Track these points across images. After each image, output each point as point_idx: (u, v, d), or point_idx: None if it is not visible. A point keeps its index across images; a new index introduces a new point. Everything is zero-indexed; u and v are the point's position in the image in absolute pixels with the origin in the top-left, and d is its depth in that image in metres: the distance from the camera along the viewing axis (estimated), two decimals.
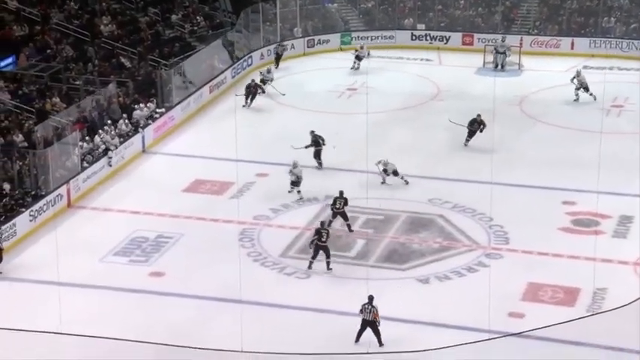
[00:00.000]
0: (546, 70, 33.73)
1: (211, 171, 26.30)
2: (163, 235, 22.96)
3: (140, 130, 27.99)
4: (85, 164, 25.59)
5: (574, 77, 30.77)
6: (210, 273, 21.05)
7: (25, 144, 25.23)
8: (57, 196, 24.30)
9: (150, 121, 28.52)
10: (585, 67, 33.07)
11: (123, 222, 23.71)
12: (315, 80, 33.57)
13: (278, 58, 34.66)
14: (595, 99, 29.95)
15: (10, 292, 20.77)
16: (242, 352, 18.17)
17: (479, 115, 26.83)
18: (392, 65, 34.42)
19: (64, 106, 27.66)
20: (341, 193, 22.78)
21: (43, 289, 20.58)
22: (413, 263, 21.81)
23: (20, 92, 27.91)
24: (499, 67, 34.26)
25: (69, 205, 24.71)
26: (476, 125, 26.98)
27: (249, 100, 30.40)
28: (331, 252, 21.26)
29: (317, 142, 26.25)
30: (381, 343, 18.23)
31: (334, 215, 22.82)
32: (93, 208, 24.65)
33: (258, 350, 18.19)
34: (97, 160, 25.91)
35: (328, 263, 21.10)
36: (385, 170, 24.79)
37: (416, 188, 25.21)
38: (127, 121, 27.85)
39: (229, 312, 19.41)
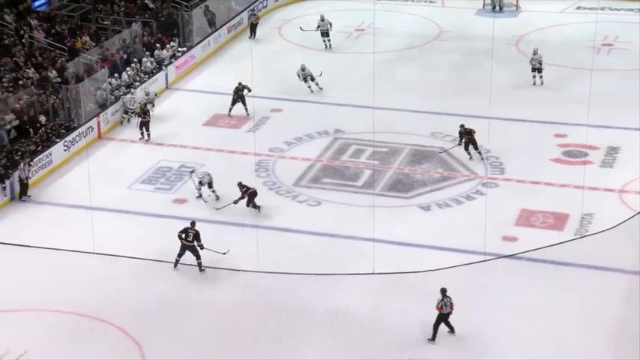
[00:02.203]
0: (542, 12, 32.97)
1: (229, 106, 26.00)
2: (186, 165, 22.81)
3: (164, 67, 27.64)
4: (113, 98, 25.32)
5: (531, 59, 26.73)
6: (228, 200, 20.92)
7: (59, 79, 25.00)
8: (88, 128, 24.13)
9: (172, 60, 28.13)
10: (579, 7, 32.39)
11: (148, 153, 23.58)
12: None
13: (253, 28, 30.88)
14: (542, 83, 26.53)
15: (46, 215, 20.79)
16: (258, 272, 18.18)
17: (462, 126, 22.74)
18: (398, 7, 33.70)
19: (93, 44, 27.34)
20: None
21: (76, 213, 20.60)
22: (416, 192, 21.64)
23: (53, 31, 27.56)
24: (497, 8, 33.54)
25: (99, 136, 24.56)
26: (464, 136, 22.65)
27: (231, 106, 25.32)
28: (339, 181, 21.07)
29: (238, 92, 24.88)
30: (453, 331, 16.53)
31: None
32: (121, 140, 24.48)
33: (272, 270, 18.20)
34: (124, 95, 25.63)
35: (199, 264, 18.26)
36: (200, 182, 21.10)
37: (419, 122, 24.90)
38: (151, 59, 27.48)
39: (246, 235, 19.36)
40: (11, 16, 27.22)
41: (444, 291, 16.37)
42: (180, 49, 28.82)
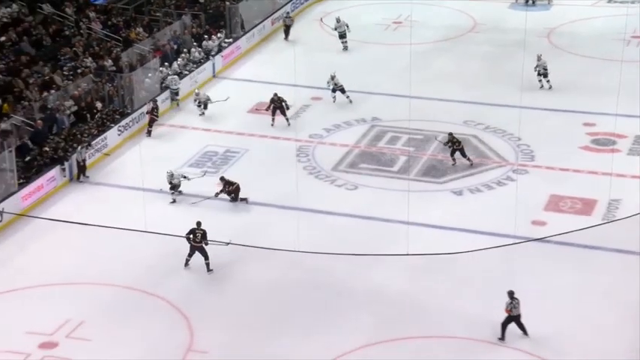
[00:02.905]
0: (574, 5, 32.46)
1: (272, 94, 26.06)
2: (231, 150, 22.99)
3: (211, 57, 27.82)
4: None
5: (536, 66, 25.69)
6: (270, 183, 21.09)
7: (114, 68, 25.31)
8: (140, 114, 24.41)
9: (219, 50, 28.29)
10: (610, 0, 31.77)
11: (196, 138, 23.79)
12: (363, 14, 32.79)
13: (287, 30, 30.15)
14: (550, 87, 25.65)
15: (102, 195, 21.12)
16: (297, 251, 18.30)
17: (450, 134, 22.04)
18: (434, 0, 33.43)
19: (146, 35, 27.61)
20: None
21: (129, 194, 20.88)
22: (448, 177, 21.56)
23: (109, 23, 27.91)
24: (530, 1, 33.08)
25: None
26: (450, 144, 21.98)
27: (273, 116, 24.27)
28: (375, 166, 21.06)
29: (279, 102, 23.99)
30: (527, 333, 15.82)
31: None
32: (170, 125, 24.75)
33: (311, 250, 18.31)
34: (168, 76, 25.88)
35: (207, 265, 17.90)
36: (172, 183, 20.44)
37: (453, 111, 24.76)
38: (199, 49, 27.69)
39: (286, 217, 19.48)
40: (72, 8, 27.62)
41: (511, 293, 15.60)
42: (226, 40, 28.97)
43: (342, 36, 29.21)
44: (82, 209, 20.33)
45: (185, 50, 27.23)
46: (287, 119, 24.06)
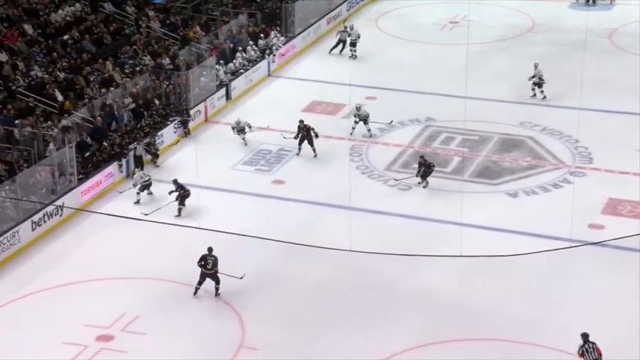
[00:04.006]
0: (636, 4, 31.64)
1: (327, 93, 26.15)
2: (284, 149, 23.09)
3: (266, 56, 27.99)
4: (224, 82, 25.70)
5: (532, 75, 25.04)
6: (323, 182, 21.13)
7: (171, 66, 25.65)
8: (196, 111, 24.71)
9: (275, 49, 28.44)
10: None
11: (250, 136, 23.87)
12: (419, 14, 32.61)
13: (341, 45, 28.41)
14: (544, 98, 24.75)
15: (157, 191, 21.30)
16: (348, 250, 18.28)
17: (422, 157, 21.03)
18: (491, 0, 33.04)
19: (203, 34, 27.93)
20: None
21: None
22: (503, 179, 21.29)
23: (168, 21, 28.32)
24: (591, 1, 32.39)
25: (206, 119, 25.12)
26: (423, 167, 20.94)
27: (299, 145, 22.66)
28: (428, 169, 20.84)
29: (306, 131, 22.37)
30: None
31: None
32: (225, 123, 24.96)
33: (362, 250, 18.27)
34: (231, 80, 26.15)
35: (217, 289, 17.26)
36: (142, 186, 20.36)
37: (509, 112, 24.43)
38: (255, 48, 27.88)
39: (338, 216, 19.49)
40: (132, 7, 28.13)
41: (585, 336, 14.42)
42: (282, 38, 29.10)
43: (353, 44, 28.25)
44: (138, 206, 20.61)
45: (241, 49, 27.46)
46: (314, 150, 22.29)
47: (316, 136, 22.45)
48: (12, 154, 20.66)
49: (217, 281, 17.25)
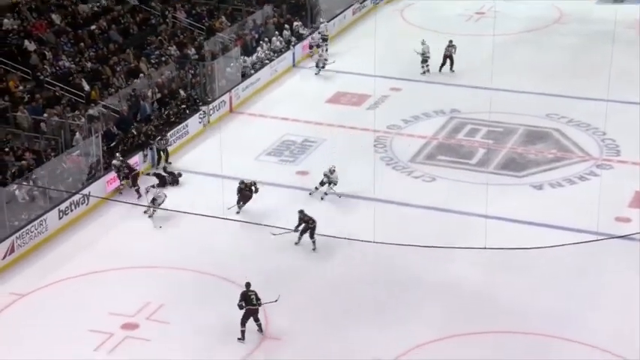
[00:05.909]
0: None
1: (351, 84, 26.06)
2: (308, 140, 23.04)
3: (291, 47, 27.91)
4: (251, 72, 25.71)
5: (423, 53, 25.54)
6: (348, 173, 21.00)
7: (196, 56, 25.66)
8: (221, 102, 24.72)
9: (299, 40, 28.36)
10: None
11: (274, 126, 23.93)
12: (445, 5, 32.33)
13: (449, 61, 26.33)
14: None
15: (182, 181, 21.38)
16: (372, 242, 18.20)
17: (301, 212, 18.50)
18: None
19: (229, 24, 27.90)
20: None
21: (209, 181, 21.10)
22: (529, 171, 21.08)
23: (193, 12, 28.34)
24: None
25: (230, 110, 25.13)
26: (302, 222, 18.35)
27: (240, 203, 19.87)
28: (454, 158, 20.71)
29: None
30: None
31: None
32: (250, 114, 24.96)
33: (387, 241, 18.18)
34: (256, 72, 26.11)
35: (259, 325, 15.78)
36: (155, 200, 19.58)
37: (535, 104, 24.16)
38: (280, 38, 27.81)
39: (363, 207, 19.41)
40: None
41: None
42: (307, 29, 29.01)
43: (324, 40, 27.95)
44: (151, 218, 20.40)
45: (266, 39, 27.40)
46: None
47: (256, 190, 19.65)
48: (40, 144, 20.80)
49: (257, 318, 15.70)
